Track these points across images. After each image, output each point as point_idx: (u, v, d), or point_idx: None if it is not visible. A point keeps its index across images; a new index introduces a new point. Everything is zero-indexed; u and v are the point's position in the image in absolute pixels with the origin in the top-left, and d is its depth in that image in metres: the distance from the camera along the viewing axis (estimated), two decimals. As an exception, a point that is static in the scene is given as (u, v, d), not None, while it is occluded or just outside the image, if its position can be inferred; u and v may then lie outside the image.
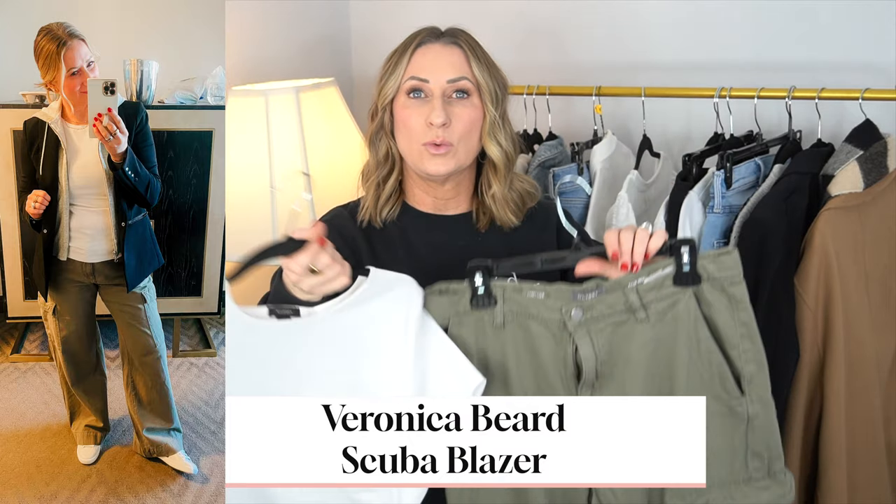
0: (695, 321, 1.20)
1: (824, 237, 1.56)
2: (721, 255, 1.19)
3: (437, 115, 1.38)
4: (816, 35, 1.95)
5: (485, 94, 1.43)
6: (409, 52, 1.42)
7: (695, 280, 1.19)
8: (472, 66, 1.43)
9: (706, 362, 1.21)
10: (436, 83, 1.40)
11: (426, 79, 1.41)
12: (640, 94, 1.90)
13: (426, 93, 1.41)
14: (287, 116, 2.01)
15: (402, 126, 1.42)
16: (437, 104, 1.39)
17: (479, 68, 1.43)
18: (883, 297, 1.67)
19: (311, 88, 2.06)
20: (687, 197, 1.68)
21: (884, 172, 1.66)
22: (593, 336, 1.22)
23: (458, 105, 1.41)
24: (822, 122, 1.77)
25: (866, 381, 1.61)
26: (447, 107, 1.40)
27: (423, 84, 1.41)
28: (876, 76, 1.82)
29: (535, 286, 1.23)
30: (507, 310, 1.24)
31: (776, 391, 1.29)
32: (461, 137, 1.41)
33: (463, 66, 1.42)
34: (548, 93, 1.99)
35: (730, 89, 1.83)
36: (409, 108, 1.41)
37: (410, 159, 1.44)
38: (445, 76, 1.41)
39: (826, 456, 1.57)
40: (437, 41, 1.43)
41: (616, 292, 1.22)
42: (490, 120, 1.43)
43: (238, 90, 2.10)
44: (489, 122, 1.43)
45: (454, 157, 1.41)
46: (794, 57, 1.97)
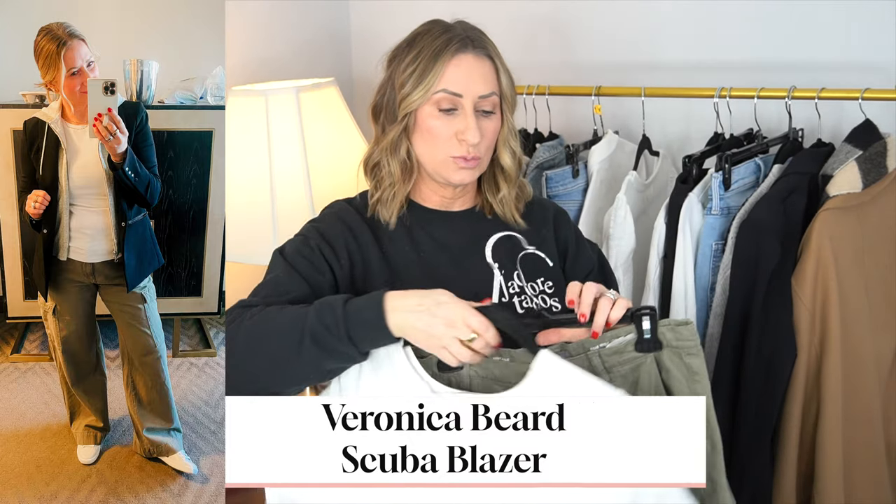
0: (655, 388, 1.21)
1: (822, 237, 1.56)
2: (679, 326, 1.20)
3: (473, 135, 1.36)
4: (816, 35, 1.96)
5: (507, 105, 1.42)
6: (442, 62, 1.37)
7: (656, 346, 1.21)
8: (501, 78, 1.41)
9: None
10: (469, 98, 1.38)
11: (460, 94, 1.37)
12: (640, 94, 1.90)
13: (457, 107, 1.38)
14: (287, 116, 2.01)
15: (428, 136, 1.40)
16: (471, 123, 1.37)
17: (506, 80, 1.42)
18: (883, 297, 1.67)
19: (311, 88, 2.06)
20: (686, 199, 1.68)
21: (883, 172, 1.66)
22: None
23: (484, 119, 1.40)
24: (822, 122, 1.77)
25: (864, 381, 1.61)
26: (478, 121, 1.38)
27: (456, 99, 1.37)
28: (876, 76, 1.82)
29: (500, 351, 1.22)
30: (472, 373, 1.24)
31: (773, 391, 1.29)
32: (487, 150, 1.41)
33: (493, 81, 1.40)
34: (547, 93, 1.99)
35: (730, 89, 1.83)
36: (439, 120, 1.38)
37: (433, 167, 1.42)
38: (478, 92, 1.38)
39: (822, 456, 1.57)
40: (468, 51, 1.39)
41: (579, 356, 1.23)
42: (508, 128, 1.43)
43: (238, 90, 2.10)
44: (507, 130, 1.43)
45: (479, 168, 1.42)
46: (794, 57, 1.97)
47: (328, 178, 1.99)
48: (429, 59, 1.38)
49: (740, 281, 1.60)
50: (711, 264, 1.67)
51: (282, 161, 2.00)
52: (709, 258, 1.67)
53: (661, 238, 1.71)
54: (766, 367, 1.58)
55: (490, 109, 1.40)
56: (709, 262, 1.67)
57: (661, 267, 1.70)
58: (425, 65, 1.37)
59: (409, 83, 1.38)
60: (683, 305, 1.66)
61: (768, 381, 1.58)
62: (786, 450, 1.60)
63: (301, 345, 1.20)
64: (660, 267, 1.70)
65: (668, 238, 1.69)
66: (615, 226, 1.79)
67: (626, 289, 1.80)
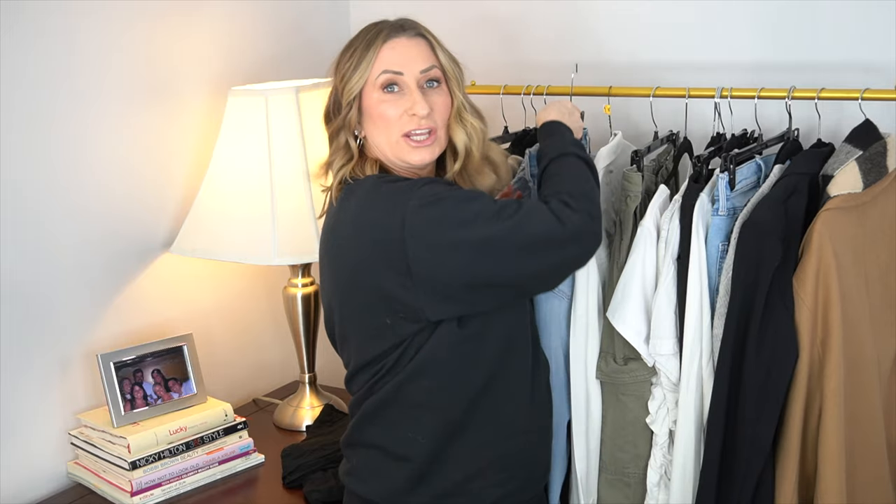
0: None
1: (822, 238, 1.56)
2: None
3: (422, 107, 1.45)
4: (816, 35, 1.96)
5: (451, 81, 1.50)
6: (374, 48, 1.46)
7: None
8: (438, 54, 1.50)
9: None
10: (410, 75, 1.46)
11: (400, 71, 1.46)
12: (650, 94, 1.90)
13: (400, 85, 1.46)
14: (287, 116, 2.01)
15: (379, 119, 1.47)
16: (417, 95, 1.45)
17: (444, 56, 1.51)
18: (884, 297, 1.67)
19: (311, 88, 2.06)
20: (699, 199, 1.67)
21: (883, 172, 1.66)
22: None
23: (432, 94, 1.48)
24: (821, 122, 1.77)
25: (866, 380, 1.61)
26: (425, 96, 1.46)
27: (397, 77, 1.46)
28: (876, 76, 1.82)
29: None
30: None
31: (775, 392, 1.29)
32: (441, 122, 1.48)
33: (430, 56, 1.49)
34: (545, 93, 2.00)
35: (730, 89, 1.83)
36: (385, 102, 1.46)
37: (390, 151, 1.49)
38: (418, 67, 1.47)
39: (824, 456, 1.57)
40: (402, 34, 1.48)
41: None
42: (458, 105, 1.51)
43: (238, 90, 2.10)
44: (457, 107, 1.50)
45: (438, 144, 1.50)
46: (794, 57, 1.97)
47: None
48: (363, 48, 1.47)
49: (742, 281, 1.60)
50: (717, 265, 1.67)
51: (282, 161, 2.00)
52: (715, 259, 1.67)
53: (674, 238, 1.69)
54: (767, 367, 1.58)
55: (435, 80, 1.48)
56: (715, 263, 1.67)
57: (676, 268, 1.69)
58: (360, 54, 1.47)
59: (348, 73, 1.47)
60: (699, 306, 1.65)
61: (770, 382, 1.58)
62: (787, 450, 1.60)
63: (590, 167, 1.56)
64: (674, 267, 1.68)
65: (683, 238, 1.67)
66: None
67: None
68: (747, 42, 2.03)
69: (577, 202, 1.42)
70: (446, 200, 1.41)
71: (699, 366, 1.66)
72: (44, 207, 1.91)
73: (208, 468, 1.97)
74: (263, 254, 2.00)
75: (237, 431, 2.03)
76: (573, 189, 1.45)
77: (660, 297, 1.68)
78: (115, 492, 1.89)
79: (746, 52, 2.03)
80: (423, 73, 1.47)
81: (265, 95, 2.02)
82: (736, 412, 1.61)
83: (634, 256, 1.68)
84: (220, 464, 1.99)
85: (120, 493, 1.88)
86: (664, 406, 1.72)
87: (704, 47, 2.08)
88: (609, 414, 1.77)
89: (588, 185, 1.49)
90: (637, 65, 2.14)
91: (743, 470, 1.60)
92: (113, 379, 1.93)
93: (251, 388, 2.37)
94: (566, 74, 1.95)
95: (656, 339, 1.68)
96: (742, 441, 1.60)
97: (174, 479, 1.92)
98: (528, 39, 2.28)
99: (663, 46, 2.13)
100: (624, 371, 1.73)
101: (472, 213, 1.39)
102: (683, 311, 1.67)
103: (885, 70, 1.84)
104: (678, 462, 1.69)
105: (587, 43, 2.22)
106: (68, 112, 1.94)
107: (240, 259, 2.05)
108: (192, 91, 2.17)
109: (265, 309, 2.38)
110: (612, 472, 1.79)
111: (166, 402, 1.99)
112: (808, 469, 1.61)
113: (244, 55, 2.28)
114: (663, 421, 1.72)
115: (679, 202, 1.69)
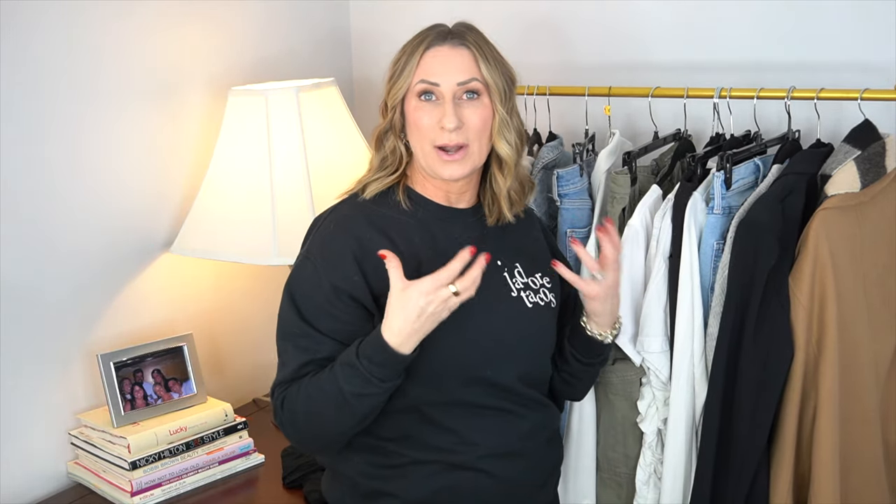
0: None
1: (819, 237, 1.56)
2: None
3: (450, 120, 1.41)
4: (816, 35, 1.95)
5: (494, 94, 1.45)
6: (417, 55, 1.44)
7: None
8: (481, 66, 1.44)
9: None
10: (446, 86, 1.42)
11: (436, 82, 1.42)
12: (648, 94, 1.90)
13: (437, 95, 1.43)
14: (287, 116, 2.02)
15: (415, 127, 1.45)
16: (448, 108, 1.41)
17: (488, 68, 1.45)
18: (882, 297, 1.67)
19: (311, 88, 2.07)
20: (691, 198, 1.68)
21: (882, 173, 1.66)
22: None
23: (468, 106, 1.43)
24: (821, 123, 1.77)
25: (861, 381, 1.61)
26: (458, 109, 1.42)
27: (433, 87, 1.43)
28: (875, 76, 1.82)
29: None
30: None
31: (770, 391, 1.29)
32: (476, 137, 1.44)
33: (472, 68, 1.44)
34: (548, 93, 2.00)
35: (730, 89, 1.83)
36: (420, 110, 1.44)
37: (424, 161, 1.46)
38: (455, 79, 1.42)
39: (818, 456, 1.57)
40: (445, 43, 1.45)
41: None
42: (500, 119, 1.46)
43: (238, 90, 2.10)
44: (499, 120, 1.46)
45: (470, 160, 1.45)
46: (794, 57, 1.97)
47: (328, 177, 1.99)
48: (409, 54, 1.45)
49: (738, 280, 1.60)
50: (713, 264, 1.67)
51: (282, 161, 2.01)
52: (710, 258, 1.67)
53: (665, 237, 1.70)
54: (762, 366, 1.58)
55: (475, 92, 1.43)
56: (710, 262, 1.67)
57: (668, 266, 1.69)
58: (406, 59, 1.45)
59: (394, 77, 1.46)
60: (690, 304, 1.66)
61: (765, 381, 1.58)
62: (782, 450, 1.60)
63: (349, 405, 1.36)
64: (665, 265, 1.69)
65: (675, 237, 1.68)
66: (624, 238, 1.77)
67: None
68: (747, 42, 2.03)
69: (292, 414, 1.43)
70: (287, 305, 1.46)
71: (691, 363, 1.66)
72: (44, 207, 1.92)
73: (208, 468, 1.97)
74: (263, 254, 2.00)
75: (237, 431, 2.03)
76: (302, 406, 1.41)
77: (650, 294, 1.69)
78: (115, 492, 1.89)
79: (746, 52, 2.03)
80: (461, 86, 1.42)
81: (265, 95, 2.03)
82: (731, 410, 1.61)
83: (620, 256, 1.68)
84: (220, 464, 1.99)
85: (120, 493, 1.88)
86: (654, 405, 1.72)
87: (704, 47, 2.08)
88: (600, 414, 1.79)
89: (317, 413, 1.41)
90: (637, 65, 2.14)
91: (738, 468, 1.61)
92: (113, 379, 1.93)
93: (251, 388, 2.37)
94: (566, 74, 1.95)
95: (645, 336, 1.69)
96: (737, 439, 1.61)
97: (174, 479, 1.92)
98: (527, 40, 2.28)
99: (663, 46, 2.13)
100: (611, 371, 1.75)
101: (281, 332, 1.48)
102: (674, 309, 1.68)
103: (884, 70, 1.84)
104: (669, 460, 1.70)
105: (587, 43, 2.22)
106: (68, 112, 1.94)
107: (240, 259, 2.05)
108: (192, 91, 2.18)
109: (265, 309, 2.37)
110: (606, 472, 1.80)
111: (166, 402, 2.00)
112: (802, 468, 1.61)
113: (244, 55, 2.28)
114: (652, 419, 1.72)
115: (672, 201, 1.70)
